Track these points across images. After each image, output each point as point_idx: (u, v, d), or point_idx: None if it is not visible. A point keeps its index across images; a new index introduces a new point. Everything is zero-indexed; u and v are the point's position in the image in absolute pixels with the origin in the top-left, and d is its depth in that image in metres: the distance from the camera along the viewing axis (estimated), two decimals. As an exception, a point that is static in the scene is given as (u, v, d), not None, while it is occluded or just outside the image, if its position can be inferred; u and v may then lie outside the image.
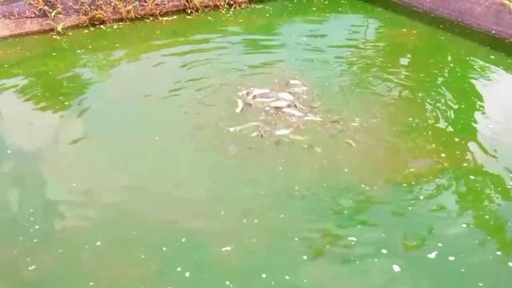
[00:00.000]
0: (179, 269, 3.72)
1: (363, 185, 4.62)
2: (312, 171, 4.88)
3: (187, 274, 3.68)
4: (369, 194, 4.53)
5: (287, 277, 3.66)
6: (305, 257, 3.85)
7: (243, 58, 7.48)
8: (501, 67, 7.25)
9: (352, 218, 4.29)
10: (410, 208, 4.37)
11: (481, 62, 7.39)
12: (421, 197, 4.49)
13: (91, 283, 3.63)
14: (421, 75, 6.93)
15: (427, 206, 4.40)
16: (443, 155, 5.08)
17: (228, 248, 3.90)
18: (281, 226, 4.17)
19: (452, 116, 5.85)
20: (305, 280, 3.66)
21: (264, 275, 3.67)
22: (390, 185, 4.66)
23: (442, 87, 6.55)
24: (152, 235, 4.06)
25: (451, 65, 7.34)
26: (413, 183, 4.68)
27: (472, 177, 4.79)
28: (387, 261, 3.82)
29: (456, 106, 6.08)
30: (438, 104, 6.09)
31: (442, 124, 5.68)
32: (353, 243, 3.99)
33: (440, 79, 6.82)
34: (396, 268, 3.75)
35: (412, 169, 4.87)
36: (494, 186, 4.67)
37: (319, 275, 3.73)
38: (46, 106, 6.07)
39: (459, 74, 7.04)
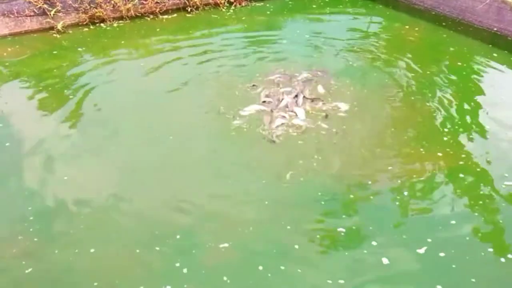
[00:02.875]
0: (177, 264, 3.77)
1: (353, 178, 4.68)
2: (301, 161, 4.96)
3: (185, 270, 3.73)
4: (358, 187, 4.57)
5: (282, 268, 3.73)
6: (296, 246, 3.93)
7: (247, 56, 7.45)
8: (504, 65, 7.20)
9: (341, 210, 4.34)
10: (399, 203, 4.39)
11: (484, 60, 7.35)
12: (411, 193, 4.51)
13: (95, 284, 3.63)
14: (428, 72, 6.92)
15: (417, 202, 4.43)
16: (439, 154, 5.05)
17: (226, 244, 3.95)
18: (273, 216, 4.26)
19: (452, 114, 5.84)
20: (299, 270, 3.73)
21: (260, 267, 3.74)
22: (381, 180, 4.67)
23: (445, 85, 6.54)
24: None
25: (454, 62, 7.29)
26: (404, 179, 4.69)
27: (465, 175, 4.77)
28: (377, 253, 3.87)
29: (457, 104, 6.06)
30: (440, 101, 6.07)
31: (441, 121, 5.67)
32: (342, 234, 4.06)
33: (443, 77, 6.79)
34: (385, 260, 3.79)
35: (405, 166, 4.88)
36: (486, 185, 4.65)
37: (311, 265, 3.80)
38: (49, 104, 6.04)
39: (462, 72, 7.00)
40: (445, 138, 5.33)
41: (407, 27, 8.70)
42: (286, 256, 3.85)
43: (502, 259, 3.82)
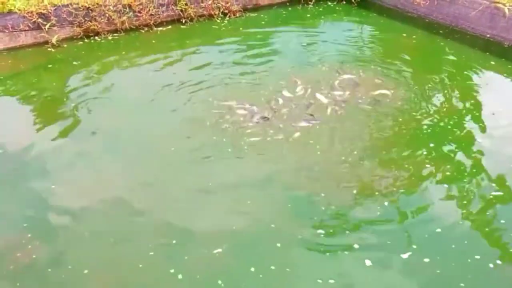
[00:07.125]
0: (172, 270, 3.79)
1: (336, 185, 4.71)
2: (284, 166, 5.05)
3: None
4: (341, 194, 4.58)
5: (272, 267, 3.80)
6: (278, 244, 4.00)
7: (243, 66, 7.46)
8: (504, 75, 7.19)
9: (322, 214, 4.35)
10: (380, 213, 4.37)
11: (482, 69, 7.30)
12: (394, 201, 4.50)
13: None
14: (425, 80, 6.89)
15: (401, 210, 4.41)
16: (427, 165, 5.01)
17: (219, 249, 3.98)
18: (257, 215, 4.37)
19: (450, 123, 5.81)
20: (287, 269, 3.79)
21: (252, 269, 3.80)
22: (364, 188, 4.67)
23: (443, 93, 6.51)
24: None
25: (453, 71, 7.28)
26: (389, 187, 4.69)
27: (452, 185, 4.73)
28: (359, 255, 3.90)
29: (456, 113, 6.03)
30: (438, 110, 6.06)
31: (439, 129, 5.66)
32: (322, 235, 4.10)
33: (441, 85, 6.76)
34: (368, 262, 3.81)
35: (391, 174, 4.87)
36: (474, 195, 4.61)
37: (296, 265, 3.85)
38: (44, 117, 6.03)
39: (465, 81, 6.96)
40: (433, 147, 5.30)
41: (404, 35, 8.72)
42: (274, 256, 3.91)
43: (491, 265, 3.79)
